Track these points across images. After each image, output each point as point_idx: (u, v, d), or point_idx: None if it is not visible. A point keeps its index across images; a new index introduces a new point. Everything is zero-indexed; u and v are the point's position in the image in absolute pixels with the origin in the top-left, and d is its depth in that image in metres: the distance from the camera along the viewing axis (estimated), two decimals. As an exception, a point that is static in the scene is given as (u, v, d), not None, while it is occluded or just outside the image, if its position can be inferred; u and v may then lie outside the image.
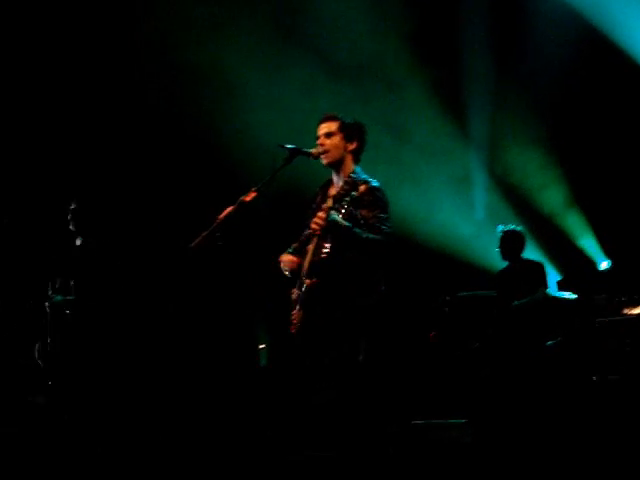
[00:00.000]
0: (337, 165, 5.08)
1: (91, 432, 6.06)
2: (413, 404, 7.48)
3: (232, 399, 7.20)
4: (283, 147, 4.99)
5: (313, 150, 5.06)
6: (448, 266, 9.18)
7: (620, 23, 8.68)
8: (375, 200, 4.89)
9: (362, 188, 4.80)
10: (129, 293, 6.71)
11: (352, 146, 5.07)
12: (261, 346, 8.62)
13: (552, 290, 8.28)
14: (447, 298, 8.46)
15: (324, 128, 5.08)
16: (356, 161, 5.11)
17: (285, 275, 5.06)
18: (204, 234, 4.70)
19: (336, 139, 5.04)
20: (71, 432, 6.05)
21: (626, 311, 7.80)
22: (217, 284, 8.32)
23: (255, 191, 4.85)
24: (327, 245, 4.80)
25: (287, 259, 5.08)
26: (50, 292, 6.50)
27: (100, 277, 6.51)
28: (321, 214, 4.74)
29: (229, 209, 4.78)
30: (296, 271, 5.01)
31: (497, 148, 9.55)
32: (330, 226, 4.70)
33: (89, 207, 6.63)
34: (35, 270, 7.05)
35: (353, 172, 5.02)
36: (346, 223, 4.70)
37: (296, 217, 5.31)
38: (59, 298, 6.46)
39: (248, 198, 4.82)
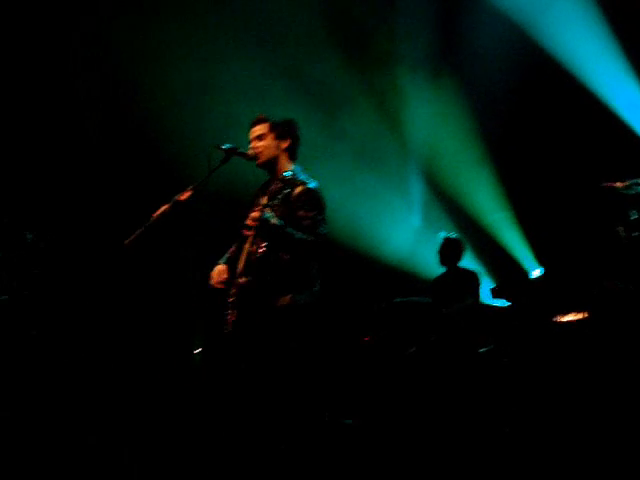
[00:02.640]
0: (271, 165, 5.14)
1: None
2: (337, 402, 7.48)
3: (165, 400, 7.15)
4: (219, 147, 5.01)
5: (249, 151, 5.10)
6: (384, 272, 9.25)
7: (562, 41, 8.83)
8: (312, 201, 4.93)
9: (299, 189, 4.85)
10: (63, 289, 6.65)
11: (285, 144, 5.12)
12: (197, 350, 8.55)
13: (486, 298, 8.40)
14: (382, 305, 8.51)
15: (255, 131, 5.14)
16: (292, 158, 5.16)
17: (216, 288, 5.06)
18: (139, 232, 4.70)
19: (268, 140, 5.11)
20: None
21: (558, 318, 7.93)
22: (151, 282, 8.27)
23: (190, 190, 4.87)
24: (263, 244, 4.83)
25: (216, 272, 5.09)
26: None
27: (39, 275, 6.46)
28: (255, 213, 4.77)
29: (164, 207, 4.80)
30: (229, 277, 5.02)
31: (434, 155, 9.63)
32: (263, 225, 4.72)
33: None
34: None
35: (290, 171, 5.07)
36: (278, 222, 4.72)
37: (236, 217, 5.32)
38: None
39: (183, 197, 4.85)
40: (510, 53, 9.09)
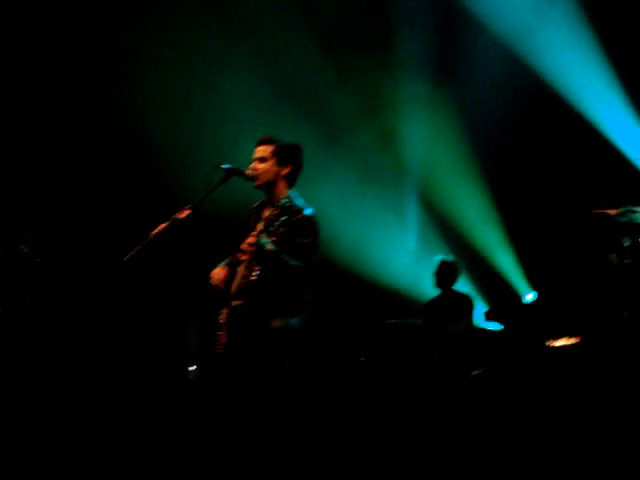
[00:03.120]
0: (269, 189, 5.10)
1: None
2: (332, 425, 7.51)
3: (160, 415, 7.17)
4: (219, 167, 5.02)
5: (247, 171, 5.08)
6: (378, 293, 9.27)
7: (556, 65, 8.89)
8: (307, 229, 4.92)
9: (295, 217, 4.86)
10: (59, 303, 6.68)
11: (285, 170, 5.08)
12: (191, 368, 8.56)
13: (479, 321, 8.43)
14: (376, 326, 8.53)
15: (259, 152, 5.10)
16: (290, 185, 5.12)
17: (213, 290, 5.08)
18: (137, 249, 4.72)
19: (269, 164, 5.05)
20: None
21: (550, 342, 7.97)
22: (148, 300, 8.29)
23: (189, 209, 4.89)
24: (257, 268, 4.85)
25: (217, 271, 5.10)
26: None
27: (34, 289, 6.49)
28: (251, 239, 4.78)
29: (162, 226, 4.81)
30: (224, 290, 5.05)
31: (431, 179, 9.65)
32: (259, 250, 4.76)
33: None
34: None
35: (287, 197, 5.06)
36: (274, 248, 4.75)
37: (230, 235, 5.34)
38: None
39: (182, 216, 4.85)
40: (506, 76, 9.11)
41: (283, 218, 4.79)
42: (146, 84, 8.58)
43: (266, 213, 5.12)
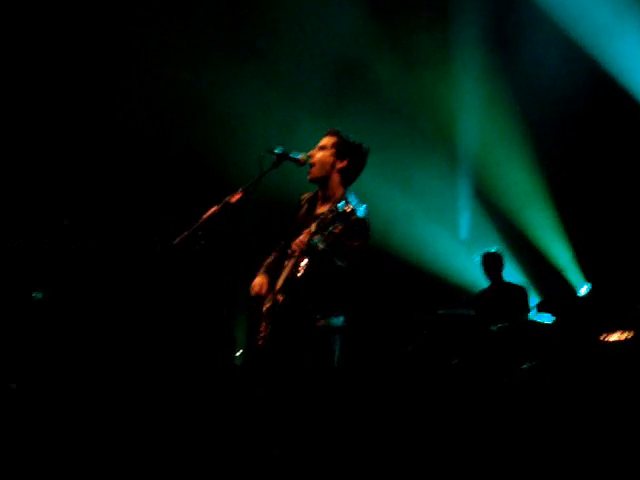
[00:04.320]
0: (322, 182, 5.04)
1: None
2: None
3: (207, 401, 7.18)
4: (271, 152, 4.97)
5: (301, 156, 5.01)
6: (429, 284, 9.21)
7: (621, 58, 8.74)
8: (358, 232, 4.83)
9: (348, 219, 4.76)
10: (113, 290, 6.71)
11: (341, 164, 4.98)
12: (238, 352, 8.59)
13: (531, 313, 8.32)
14: (426, 317, 8.45)
15: (322, 141, 5.05)
16: (345, 182, 5.03)
17: (255, 298, 5.04)
18: (187, 232, 4.70)
19: (326, 154, 4.99)
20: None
21: (604, 337, 7.82)
22: (198, 283, 8.30)
23: (240, 192, 4.85)
24: (303, 265, 4.79)
25: (257, 284, 5.05)
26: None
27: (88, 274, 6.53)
28: (303, 238, 4.74)
29: (213, 209, 4.78)
30: (266, 289, 4.99)
31: (484, 167, 9.56)
32: (310, 250, 4.68)
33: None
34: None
35: (342, 197, 4.95)
36: (326, 248, 4.68)
37: (279, 222, 5.31)
38: (39, 295, 6.42)
39: (233, 199, 4.82)
40: (565, 61, 9.01)
41: (335, 219, 4.69)
42: (201, 62, 8.61)
43: (320, 210, 5.03)
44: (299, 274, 4.80)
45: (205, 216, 4.76)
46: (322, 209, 5.00)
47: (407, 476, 6.16)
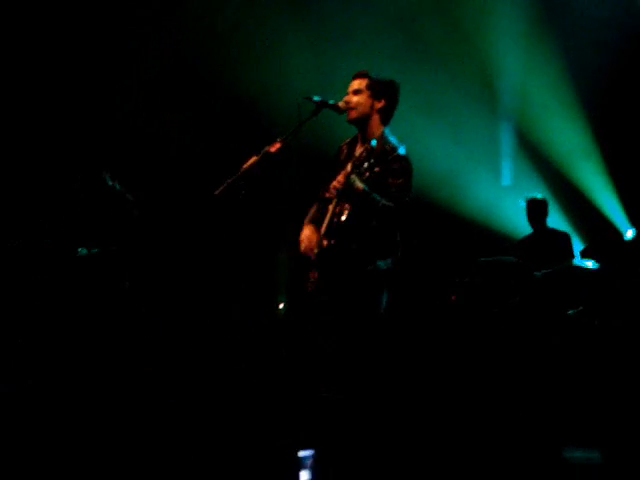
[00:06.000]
0: (362, 123, 5.03)
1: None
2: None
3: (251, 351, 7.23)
4: (310, 99, 4.94)
5: (340, 103, 5.01)
6: (471, 231, 9.16)
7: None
8: (400, 169, 4.84)
9: (388, 155, 4.74)
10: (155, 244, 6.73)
11: (379, 104, 5.00)
12: (280, 305, 8.61)
13: (575, 259, 8.24)
14: (468, 264, 8.41)
15: (354, 85, 5.04)
16: (384, 121, 5.03)
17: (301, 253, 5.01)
18: (228, 182, 4.69)
19: (363, 97, 4.98)
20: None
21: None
22: (239, 233, 8.33)
23: (280, 142, 4.83)
24: (347, 209, 4.77)
25: (305, 238, 5.03)
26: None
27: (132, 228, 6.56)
28: (340, 178, 4.72)
29: (253, 159, 4.77)
30: (315, 239, 4.97)
31: (527, 112, 9.41)
32: (348, 190, 4.66)
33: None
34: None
35: (381, 134, 4.95)
36: (365, 187, 4.65)
37: (321, 170, 5.28)
38: (84, 251, 6.45)
39: (273, 149, 4.81)
40: (616, 13, 8.86)
41: (375, 157, 4.67)
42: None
43: (358, 151, 5.04)
44: (343, 217, 4.79)
45: (245, 166, 4.75)
46: (360, 150, 4.99)
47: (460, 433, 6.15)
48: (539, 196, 8.21)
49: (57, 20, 8.16)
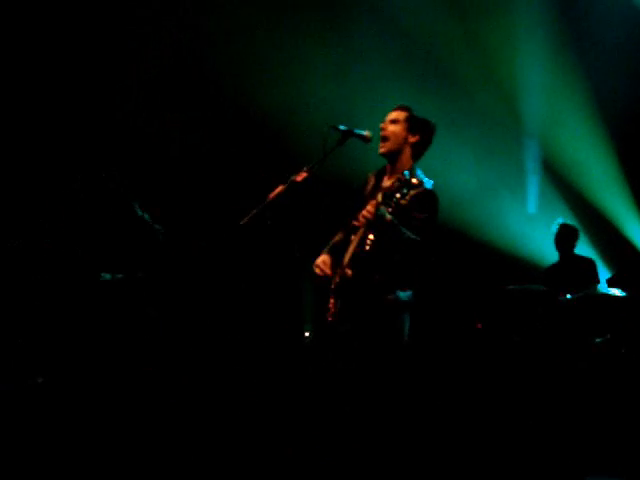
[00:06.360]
0: (393, 156, 5.05)
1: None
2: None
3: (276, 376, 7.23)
4: (336, 128, 4.97)
5: (366, 133, 5.03)
6: (497, 259, 9.12)
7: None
8: (427, 203, 4.86)
9: (415, 190, 4.73)
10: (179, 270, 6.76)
11: (413, 139, 5.02)
12: (307, 334, 8.60)
13: (601, 287, 8.19)
14: (495, 292, 8.39)
15: (392, 115, 5.08)
16: (415, 157, 5.06)
17: (317, 278, 5.04)
18: (254, 212, 4.72)
19: (399, 127, 5.02)
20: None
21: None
22: (265, 263, 8.33)
23: (306, 171, 4.86)
24: (371, 239, 4.79)
25: (320, 262, 5.05)
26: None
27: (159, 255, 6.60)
28: (370, 208, 4.70)
29: (280, 188, 4.80)
30: (333, 267, 4.98)
31: (553, 140, 9.39)
32: (377, 220, 4.67)
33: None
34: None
35: (410, 168, 4.95)
36: (393, 219, 4.66)
37: (346, 200, 5.30)
38: (108, 276, 6.48)
39: (299, 178, 4.83)
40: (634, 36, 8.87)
41: (404, 190, 4.67)
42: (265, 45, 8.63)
43: (386, 183, 5.03)
44: (367, 247, 4.80)
45: (271, 195, 4.78)
46: (389, 182, 4.98)
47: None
48: (570, 223, 8.19)
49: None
